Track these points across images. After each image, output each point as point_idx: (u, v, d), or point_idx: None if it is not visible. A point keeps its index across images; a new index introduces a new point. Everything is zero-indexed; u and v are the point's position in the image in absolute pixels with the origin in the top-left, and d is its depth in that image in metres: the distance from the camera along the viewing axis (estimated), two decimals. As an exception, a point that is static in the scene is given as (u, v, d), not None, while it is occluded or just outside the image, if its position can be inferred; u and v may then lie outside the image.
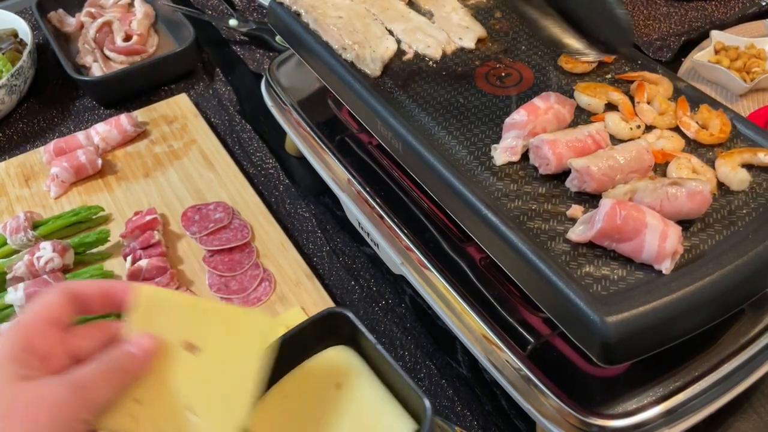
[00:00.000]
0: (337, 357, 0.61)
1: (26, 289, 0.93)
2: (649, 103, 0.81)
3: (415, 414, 0.57)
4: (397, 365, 0.57)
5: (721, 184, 0.73)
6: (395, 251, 0.88)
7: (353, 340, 0.62)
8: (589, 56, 0.81)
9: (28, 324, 0.50)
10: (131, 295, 0.54)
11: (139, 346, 0.52)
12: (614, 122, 0.78)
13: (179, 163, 1.15)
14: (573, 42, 0.78)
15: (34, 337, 0.49)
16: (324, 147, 1.00)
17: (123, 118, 1.17)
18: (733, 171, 0.72)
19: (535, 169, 0.75)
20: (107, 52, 1.32)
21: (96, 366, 0.50)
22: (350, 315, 0.61)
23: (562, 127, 0.77)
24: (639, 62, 0.87)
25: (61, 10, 1.41)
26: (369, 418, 0.57)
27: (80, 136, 1.16)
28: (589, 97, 0.80)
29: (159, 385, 0.52)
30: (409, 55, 0.89)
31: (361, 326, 0.60)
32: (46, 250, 0.96)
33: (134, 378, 0.51)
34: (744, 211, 0.71)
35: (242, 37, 1.40)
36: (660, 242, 0.64)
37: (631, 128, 0.77)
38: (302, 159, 1.11)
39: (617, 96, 0.81)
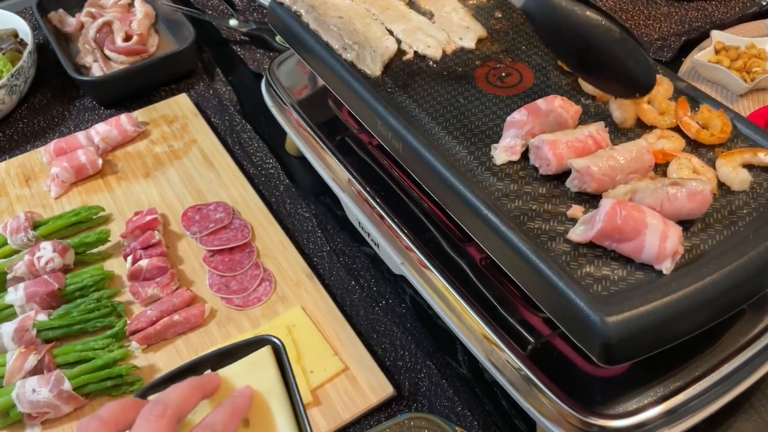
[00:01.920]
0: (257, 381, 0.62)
1: (26, 289, 0.93)
2: (649, 103, 0.81)
3: None
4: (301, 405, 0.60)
5: (721, 184, 0.73)
6: (395, 251, 0.88)
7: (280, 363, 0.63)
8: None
9: None
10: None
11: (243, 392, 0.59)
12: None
13: (179, 163, 1.15)
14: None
15: None
16: (324, 147, 1.00)
17: (123, 118, 1.17)
18: (734, 171, 0.72)
19: (536, 169, 0.75)
20: (107, 52, 1.32)
21: (221, 409, 0.57)
22: (279, 345, 0.62)
23: (562, 130, 0.77)
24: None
25: (61, 10, 1.41)
26: None
27: (80, 136, 1.16)
28: None
29: None
30: (410, 55, 0.89)
31: (286, 362, 0.62)
32: (46, 250, 0.96)
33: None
34: (744, 211, 0.71)
35: (242, 37, 1.40)
36: (660, 242, 0.64)
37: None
38: (302, 159, 1.11)
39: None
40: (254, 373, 0.61)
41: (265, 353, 0.62)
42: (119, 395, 0.86)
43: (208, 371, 0.61)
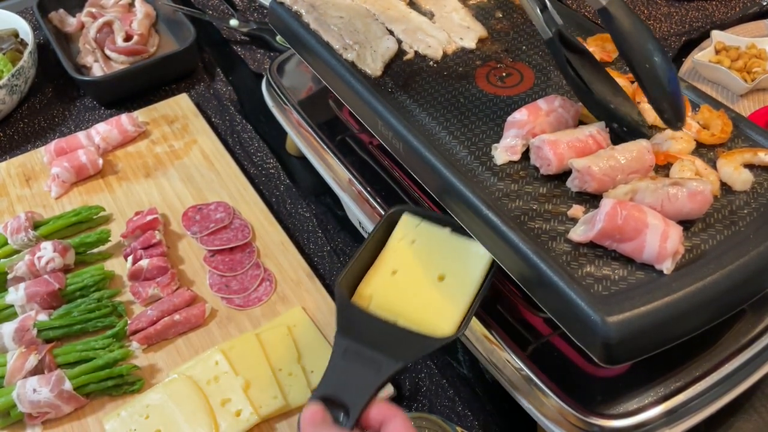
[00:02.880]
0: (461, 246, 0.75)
1: (27, 289, 0.93)
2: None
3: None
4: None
5: (722, 184, 0.73)
6: (396, 251, 0.88)
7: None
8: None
9: None
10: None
11: None
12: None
13: (180, 163, 1.15)
14: (632, 112, 0.77)
15: None
16: (325, 147, 1.00)
17: (124, 118, 1.17)
18: (736, 171, 0.72)
19: (536, 169, 0.75)
20: (108, 52, 1.32)
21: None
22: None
23: (563, 130, 0.77)
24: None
25: (61, 10, 1.41)
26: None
27: (81, 136, 1.16)
28: None
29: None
30: (410, 55, 0.89)
31: (493, 269, 0.74)
32: (47, 250, 0.96)
33: None
34: (745, 211, 0.71)
35: (243, 37, 1.40)
36: (661, 242, 0.64)
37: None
38: (303, 159, 1.11)
39: (623, 82, 0.81)
40: (472, 253, 0.74)
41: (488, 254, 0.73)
42: (120, 395, 0.86)
43: (449, 229, 0.76)
